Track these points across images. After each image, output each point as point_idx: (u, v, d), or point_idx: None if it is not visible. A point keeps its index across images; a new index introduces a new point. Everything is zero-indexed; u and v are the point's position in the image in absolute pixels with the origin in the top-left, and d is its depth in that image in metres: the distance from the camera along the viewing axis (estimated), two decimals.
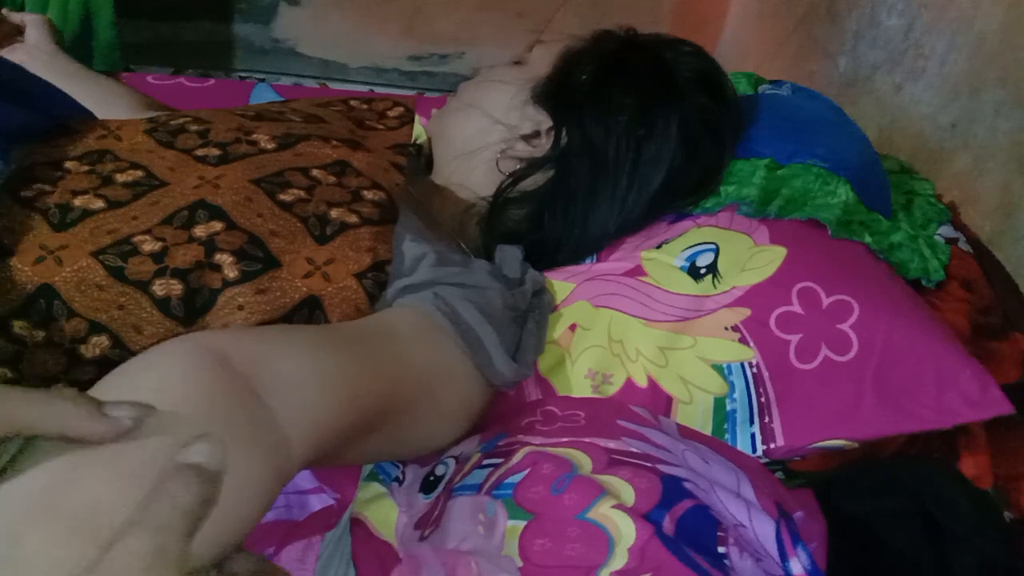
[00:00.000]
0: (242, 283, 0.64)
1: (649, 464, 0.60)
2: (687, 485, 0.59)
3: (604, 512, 0.56)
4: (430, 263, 0.68)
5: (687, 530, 0.56)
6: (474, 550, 0.56)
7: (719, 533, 0.57)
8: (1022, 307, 0.85)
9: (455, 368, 0.65)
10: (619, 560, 0.53)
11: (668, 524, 0.56)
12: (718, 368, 0.73)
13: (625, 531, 0.54)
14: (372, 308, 0.67)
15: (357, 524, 0.62)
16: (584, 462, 0.60)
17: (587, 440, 0.63)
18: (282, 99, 1.18)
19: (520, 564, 0.54)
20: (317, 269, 0.66)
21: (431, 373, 0.64)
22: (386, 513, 0.62)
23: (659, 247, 0.79)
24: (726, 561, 0.55)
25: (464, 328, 0.66)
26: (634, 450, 0.62)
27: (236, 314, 0.64)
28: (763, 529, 0.58)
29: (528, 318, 0.73)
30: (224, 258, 0.64)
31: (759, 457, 0.71)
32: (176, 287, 0.63)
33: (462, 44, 1.92)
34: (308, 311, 0.66)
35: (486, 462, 0.63)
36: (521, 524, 0.56)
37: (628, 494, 0.57)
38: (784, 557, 0.57)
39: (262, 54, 1.91)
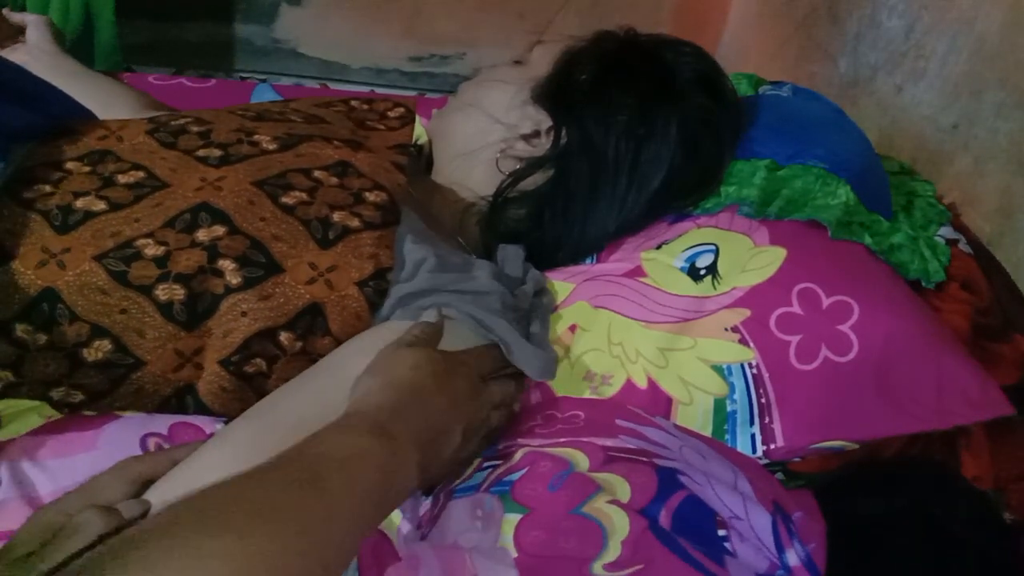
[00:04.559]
0: (245, 289, 0.64)
1: (645, 459, 0.61)
2: (682, 478, 0.59)
3: (599, 507, 0.56)
4: (429, 268, 0.68)
5: (685, 520, 0.56)
6: (470, 545, 0.56)
7: (718, 519, 0.57)
8: (1022, 308, 0.85)
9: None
10: (612, 552, 0.54)
11: (664, 517, 0.56)
12: (718, 369, 0.73)
13: (619, 525, 0.55)
14: (373, 315, 0.67)
15: None
16: (581, 460, 0.61)
17: (585, 439, 0.63)
18: (283, 99, 1.18)
19: (515, 555, 0.55)
20: (320, 275, 0.66)
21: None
22: (390, 517, 0.63)
23: (659, 248, 0.80)
24: (727, 544, 0.56)
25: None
26: (631, 447, 0.63)
27: (240, 320, 0.64)
28: (759, 522, 0.59)
29: (531, 319, 0.74)
30: (226, 264, 0.64)
31: (759, 458, 0.71)
32: (179, 292, 0.63)
33: (462, 45, 1.92)
34: (310, 318, 0.66)
35: (486, 465, 0.63)
36: (517, 517, 0.57)
37: (624, 490, 0.58)
38: (780, 549, 0.57)
39: (263, 54, 1.91)
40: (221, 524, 0.42)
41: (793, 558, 0.57)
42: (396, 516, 0.62)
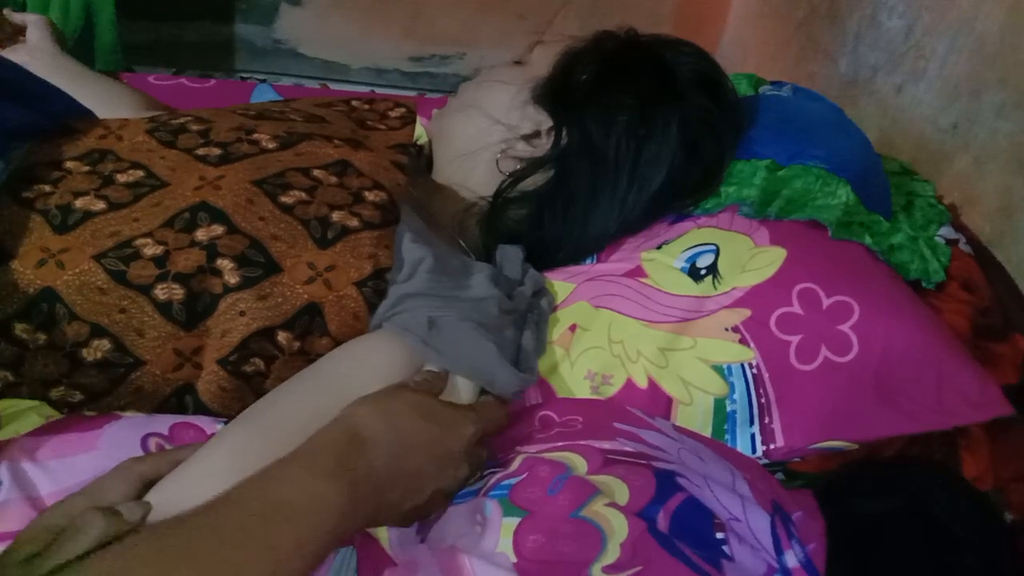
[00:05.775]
0: (243, 289, 0.64)
1: (644, 462, 0.61)
2: (680, 480, 0.59)
3: (597, 510, 0.56)
4: (427, 269, 0.68)
5: (683, 522, 0.56)
6: (469, 548, 0.56)
7: (716, 521, 0.57)
8: (1022, 308, 0.85)
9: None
10: (611, 555, 0.54)
11: (663, 519, 0.56)
12: (718, 369, 0.73)
13: (618, 527, 0.55)
14: (371, 316, 0.67)
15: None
16: (579, 464, 0.61)
17: (582, 443, 0.63)
18: (283, 99, 1.18)
19: (514, 560, 0.54)
20: (318, 275, 0.66)
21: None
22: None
23: (659, 248, 0.80)
24: (725, 547, 0.56)
25: (459, 355, 0.66)
26: (629, 449, 0.63)
27: (238, 320, 0.64)
28: (758, 523, 0.59)
29: (527, 320, 0.74)
30: (225, 263, 0.64)
31: (759, 458, 0.71)
32: (178, 292, 0.63)
33: (463, 45, 1.92)
34: (308, 318, 0.66)
35: (485, 473, 0.64)
36: (515, 521, 0.57)
37: (622, 493, 0.58)
38: (779, 550, 0.57)
39: (263, 55, 1.92)
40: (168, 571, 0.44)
41: (792, 559, 0.57)
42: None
